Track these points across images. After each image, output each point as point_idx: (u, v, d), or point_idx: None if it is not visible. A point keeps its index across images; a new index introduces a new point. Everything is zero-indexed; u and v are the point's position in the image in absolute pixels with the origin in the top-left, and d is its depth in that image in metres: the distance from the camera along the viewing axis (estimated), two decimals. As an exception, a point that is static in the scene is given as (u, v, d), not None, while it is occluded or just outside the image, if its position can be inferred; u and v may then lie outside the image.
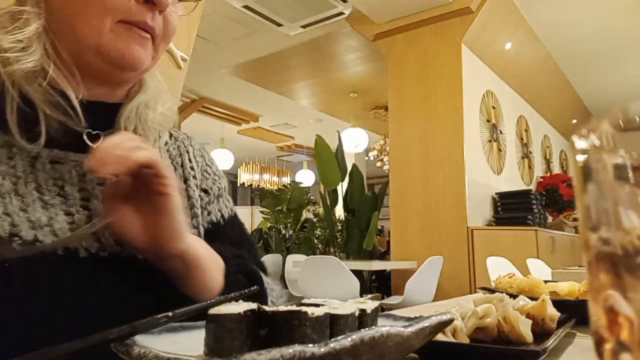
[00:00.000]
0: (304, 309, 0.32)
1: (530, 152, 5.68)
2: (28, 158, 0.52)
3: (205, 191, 0.69)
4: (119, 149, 0.47)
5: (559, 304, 0.63)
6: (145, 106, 0.61)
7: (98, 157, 0.46)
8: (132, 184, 0.50)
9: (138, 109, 0.60)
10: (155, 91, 0.63)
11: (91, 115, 0.55)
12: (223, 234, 0.68)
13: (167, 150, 0.68)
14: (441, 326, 0.38)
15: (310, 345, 0.28)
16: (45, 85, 0.51)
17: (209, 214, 0.68)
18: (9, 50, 0.50)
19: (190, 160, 0.69)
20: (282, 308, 0.32)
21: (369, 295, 4.12)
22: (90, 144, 0.56)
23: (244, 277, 0.59)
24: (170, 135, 0.71)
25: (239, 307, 0.32)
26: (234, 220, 0.72)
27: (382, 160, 7.11)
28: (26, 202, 0.50)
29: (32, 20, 0.51)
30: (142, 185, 0.50)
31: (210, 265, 0.55)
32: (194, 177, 0.68)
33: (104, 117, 0.57)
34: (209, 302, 0.38)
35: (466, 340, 0.52)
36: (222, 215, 0.70)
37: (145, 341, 0.34)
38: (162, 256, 0.51)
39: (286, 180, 8.91)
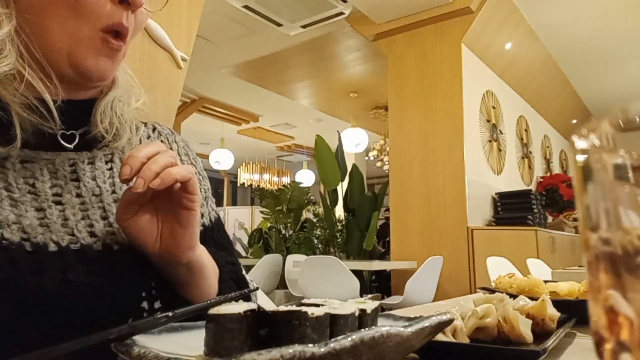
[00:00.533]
0: (304, 309, 0.32)
1: (530, 152, 5.68)
2: None
3: None
4: (156, 164, 0.48)
5: (559, 304, 0.63)
6: (119, 101, 0.61)
7: (132, 167, 0.47)
8: (155, 193, 0.51)
9: (112, 103, 0.60)
10: (127, 85, 0.64)
11: (65, 114, 0.55)
12: (210, 238, 0.68)
13: None
14: (441, 326, 0.38)
15: (310, 345, 0.28)
16: (22, 89, 0.51)
17: (201, 216, 0.67)
18: None
19: None
20: (282, 308, 0.32)
21: (369, 295, 4.12)
22: (65, 144, 0.56)
23: (234, 284, 0.62)
24: (154, 129, 0.70)
25: (239, 307, 0.32)
26: (219, 223, 0.72)
27: (382, 160, 7.11)
28: None
29: (4, 22, 0.50)
30: (168, 196, 0.51)
31: (211, 273, 0.58)
32: None
33: (78, 115, 0.57)
34: (209, 302, 0.38)
35: (466, 340, 0.52)
36: (210, 219, 0.70)
37: (145, 341, 0.34)
38: (172, 262, 0.53)
39: (286, 180, 8.90)
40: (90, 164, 0.58)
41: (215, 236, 0.69)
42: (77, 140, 0.57)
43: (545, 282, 0.84)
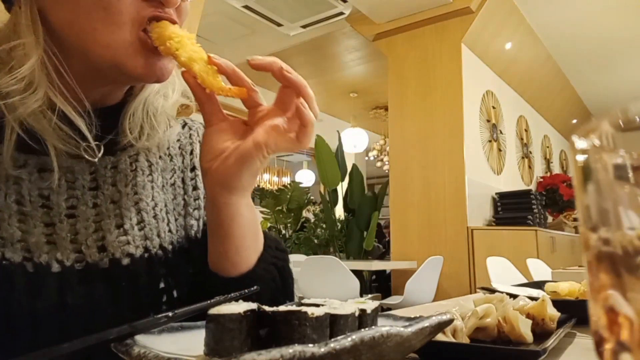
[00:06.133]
0: (304, 309, 0.32)
1: (530, 152, 5.67)
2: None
3: None
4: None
5: (559, 304, 0.63)
6: (157, 94, 0.58)
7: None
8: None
9: (145, 102, 0.57)
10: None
11: (92, 125, 0.52)
12: None
13: (179, 140, 0.64)
14: (441, 326, 0.38)
15: (310, 345, 0.28)
16: (55, 121, 0.48)
17: None
18: (11, 94, 0.46)
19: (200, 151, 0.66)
20: (282, 308, 0.32)
21: (369, 295, 4.12)
22: (88, 157, 0.53)
23: (276, 271, 0.59)
24: (184, 125, 0.67)
25: (239, 307, 0.32)
26: None
27: (382, 160, 7.11)
28: (1, 217, 0.47)
29: (31, 52, 0.47)
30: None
31: (247, 241, 0.54)
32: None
33: (105, 124, 0.54)
34: (209, 302, 0.38)
35: (466, 340, 0.52)
36: None
37: (145, 341, 0.34)
38: (211, 190, 0.51)
39: (286, 180, 8.90)
40: (112, 168, 0.55)
41: None
42: (101, 153, 0.54)
43: (545, 282, 0.84)
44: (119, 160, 0.56)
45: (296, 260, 4.32)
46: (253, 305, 0.33)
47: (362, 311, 0.36)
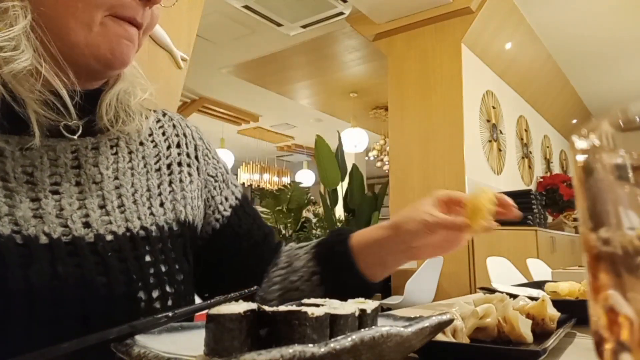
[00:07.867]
0: (304, 309, 0.32)
1: (530, 152, 5.67)
2: None
3: (212, 177, 0.70)
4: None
5: (559, 304, 0.63)
6: (125, 93, 0.61)
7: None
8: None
9: (118, 95, 0.60)
10: (132, 77, 0.63)
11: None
12: (243, 214, 0.72)
13: (161, 127, 0.68)
14: (441, 326, 0.38)
15: (310, 345, 0.28)
16: (39, 86, 0.51)
17: (226, 199, 0.70)
18: (1, 50, 0.48)
19: (187, 145, 0.69)
20: (282, 308, 0.32)
21: (369, 295, 4.11)
22: (67, 134, 0.56)
23: None
24: (164, 114, 0.70)
25: (239, 307, 0.32)
26: (246, 198, 0.75)
27: (382, 160, 7.11)
28: None
29: (20, 17, 0.50)
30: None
31: None
32: (197, 160, 0.69)
33: (83, 106, 0.57)
34: (209, 302, 0.38)
35: (466, 340, 0.52)
36: (237, 197, 0.73)
37: (145, 341, 0.34)
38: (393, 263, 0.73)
39: (286, 180, 8.90)
40: (93, 149, 0.58)
41: (247, 210, 0.73)
42: (80, 131, 0.57)
43: (545, 282, 0.84)
44: (99, 142, 0.59)
45: (296, 260, 4.31)
46: (253, 305, 0.33)
47: (362, 311, 0.36)
